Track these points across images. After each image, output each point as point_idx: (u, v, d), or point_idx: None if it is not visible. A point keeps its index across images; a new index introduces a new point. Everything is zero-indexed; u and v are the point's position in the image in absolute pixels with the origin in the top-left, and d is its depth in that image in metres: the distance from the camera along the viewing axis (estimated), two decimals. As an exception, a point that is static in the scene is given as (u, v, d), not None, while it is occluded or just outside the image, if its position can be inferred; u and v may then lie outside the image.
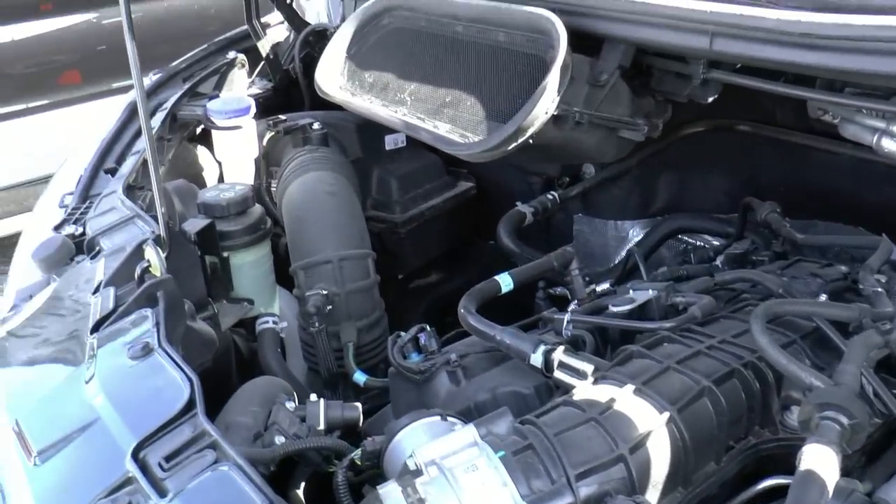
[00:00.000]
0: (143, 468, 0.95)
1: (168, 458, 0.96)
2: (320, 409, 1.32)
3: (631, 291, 1.41)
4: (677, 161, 1.94)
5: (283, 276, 1.87)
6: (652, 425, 1.05)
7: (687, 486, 1.09)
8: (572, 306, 1.47)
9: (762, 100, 1.74)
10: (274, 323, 1.74)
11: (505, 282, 1.50)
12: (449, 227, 2.30)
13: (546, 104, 1.29)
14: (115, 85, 4.04)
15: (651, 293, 1.38)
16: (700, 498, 1.11)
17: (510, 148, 1.31)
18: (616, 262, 2.00)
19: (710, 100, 1.47)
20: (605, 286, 1.53)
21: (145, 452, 0.98)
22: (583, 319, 1.36)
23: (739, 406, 1.14)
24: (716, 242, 1.88)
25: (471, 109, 1.42)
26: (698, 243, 1.93)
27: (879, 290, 1.23)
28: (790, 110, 1.71)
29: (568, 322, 1.36)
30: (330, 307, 1.71)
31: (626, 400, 1.08)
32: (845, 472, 0.96)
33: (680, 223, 1.91)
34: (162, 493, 0.92)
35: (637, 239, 2.02)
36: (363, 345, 1.77)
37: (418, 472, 1.01)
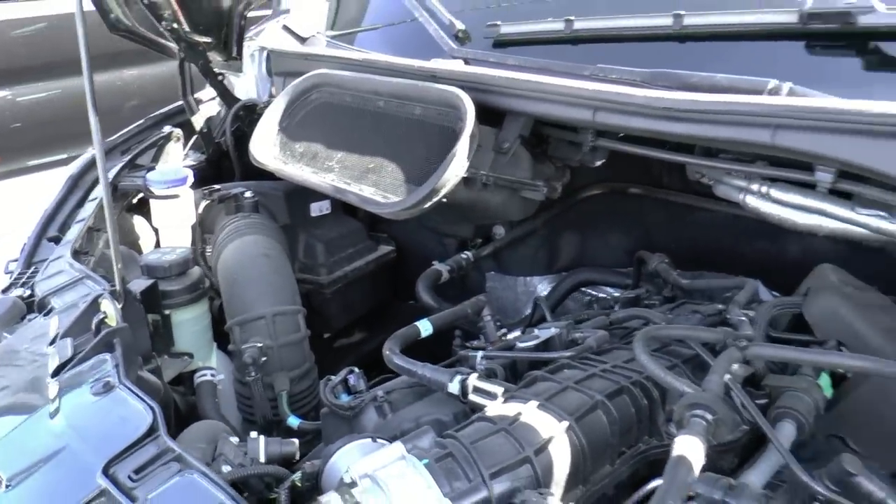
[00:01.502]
0: (114, 481, 1.08)
1: (136, 471, 1.08)
2: (260, 445, 1.46)
3: (536, 331, 1.60)
4: (578, 221, 2.15)
5: (217, 336, 1.99)
6: (553, 432, 1.23)
7: (586, 485, 1.27)
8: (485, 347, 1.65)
9: (650, 166, 1.97)
10: (212, 376, 1.85)
11: (425, 327, 1.68)
12: (371, 288, 2.46)
13: (457, 168, 1.48)
14: (31, 163, 4.03)
15: (553, 330, 1.58)
16: (597, 496, 1.29)
17: (427, 206, 1.49)
18: (525, 314, 2.19)
19: (598, 164, 1.69)
20: (515, 333, 1.72)
21: (114, 469, 1.10)
22: (494, 354, 1.54)
23: (629, 417, 1.34)
24: (616, 294, 2.08)
25: (392, 174, 1.60)
26: (600, 295, 2.12)
27: (742, 318, 1.46)
28: (675, 174, 1.92)
29: (481, 358, 1.54)
30: (264, 359, 1.83)
31: (531, 413, 1.26)
32: (720, 472, 1.15)
33: (583, 276, 2.12)
34: (133, 500, 1.04)
35: (545, 293, 2.22)
36: (295, 394, 1.88)
37: (354, 484, 1.16)
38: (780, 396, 1.34)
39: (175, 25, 2.09)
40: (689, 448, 1.12)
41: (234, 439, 1.46)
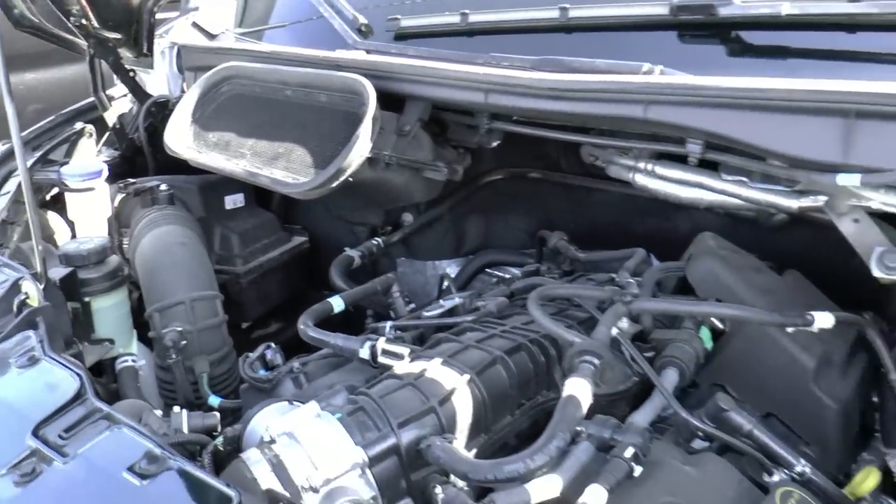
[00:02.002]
0: (44, 441, 1.13)
1: (66, 430, 1.14)
2: (183, 417, 1.52)
3: (441, 301, 1.72)
4: (482, 206, 2.28)
5: (137, 328, 2.03)
6: (455, 385, 1.34)
7: (488, 433, 1.39)
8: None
9: (548, 151, 2.11)
10: (133, 361, 1.90)
11: (337, 303, 1.78)
12: (286, 278, 2.53)
13: (361, 149, 1.59)
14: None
15: (457, 300, 1.70)
16: (499, 444, 1.41)
17: (334, 185, 1.59)
18: (435, 296, 2.30)
19: (494, 144, 1.82)
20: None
21: (44, 430, 1.15)
22: (402, 324, 1.65)
23: (527, 372, 1.46)
24: (520, 273, 2.22)
25: (300, 158, 1.70)
26: (505, 275, 2.26)
27: (630, 280, 1.60)
28: (571, 158, 2.06)
29: (390, 328, 1.65)
30: (184, 342, 1.88)
31: (435, 368, 1.38)
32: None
33: (488, 258, 2.25)
34: (64, 455, 1.10)
35: (453, 276, 2.33)
36: (216, 376, 1.94)
37: (272, 441, 1.25)
38: (665, 348, 1.49)
39: (84, 21, 2.12)
40: (578, 388, 1.25)
41: (158, 412, 1.53)
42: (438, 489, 1.23)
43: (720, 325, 1.59)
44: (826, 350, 1.52)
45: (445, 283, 2.13)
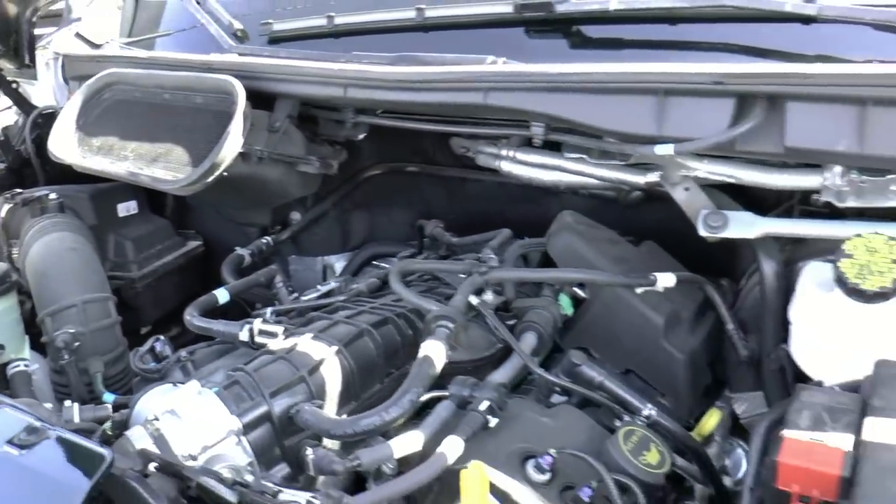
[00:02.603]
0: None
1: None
2: (75, 410, 1.59)
3: (318, 286, 1.82)
4: (365, 201, 2.39)
5: (30, 338, 2.03)
6: (324, 356, 1.45)
7: (358, 400, 1.50)
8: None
9: (424, 144, 2.23)
10: (25, 366, 1.94)
11: (222, 294, 1.86)
12: (181, 282, 2.58)
13: (232, 145, 1.68)
14: None
15: (333, 284, 1.81)
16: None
17: (209, 180, 1.68)
18: (323, 290, 2.40)
19: (361, 137, 1.94)
20: (308, 298, 1.92)
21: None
22: (281, 308, 1.74)
23: (394, 343, 1.57)
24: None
25: (179, 157, 1.78)
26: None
27: (491, 255, 1.73)
28: (445, 151, 2.17)
29: (271, 313, 1.74)
30: (77, 344, 1.91)
31: (306, 342, 1.48)
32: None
33: (372, 251, 2.36)
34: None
35: (340, 269, 2.43)
36: (110, 376, 1.98)
37: (156, 419, 1.33)
38: (525, 314, 1.62)
39: (-41, 35, 2.15)
40: (432, 349, 1.37)
41: (49, 404, 1.59)
42: (309, 451, 1.32)
43: (582, 294, 1.73)
44: (674, 309, 1.68)
45: (324, 270, 2.23)
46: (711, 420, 1.62)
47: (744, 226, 1.47)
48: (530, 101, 1.44)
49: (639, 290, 1.62)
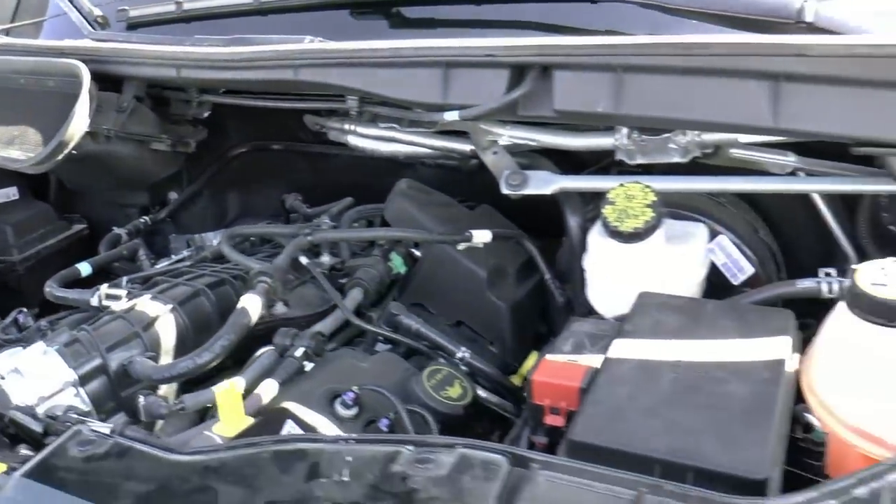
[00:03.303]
0: None
1: None
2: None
3: (172, 256, 1.95)
4: (237, 179, 2.51)
5: None
6: (159, 313, 1.57)
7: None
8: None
9: (288, 122, 2.36)
10: None
11: (84, 268, 1.98)
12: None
13: (78, 124, 1.79)
14: None
15: (185, 252, 1.93)
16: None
17: (59, 158, 1.79)
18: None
19: (206, 115, 2.06)
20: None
21: None
22: (134, 276, 1.85)
23: (230, 302, 1.69)
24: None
25: (32, 138, 1.88)
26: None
27: (326, 219, 1.88)
28: (307, 128, 2.33)
29: (126, 281, 1.86)
30: None
31: (143, 302, 1.60)
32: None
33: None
34: None
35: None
36: None
37: (2, 378, 1.44)
38: (354, 272, 1.76)
39: None
40: (249, 302, 1.50)
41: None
42: (141, 398, 1.45)
43: (418, 253, 1.88)
44: (498, 263, 1.84)
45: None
46: (529, 362, 1.79)
47: (541, 183, 1.63)
48: (335, 75, 1.58)
49: (461, 247, 1.78)
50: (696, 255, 1.52)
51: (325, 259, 1.83)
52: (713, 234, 1.66)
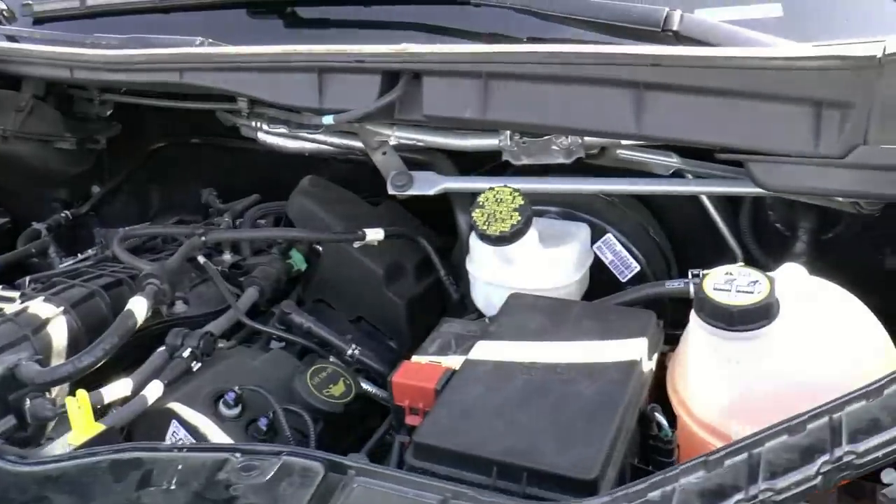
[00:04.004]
0: None
1: None
2: None
3: (79, 255, 1.97)
4: (158, 173, 2.52)
5: None
6: (49, 316, 1.60)
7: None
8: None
9: (205, 118, 2.37)
10: None
11: (-18, 269, 2.00)
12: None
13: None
14: None
15: (90, 252, 1.96)
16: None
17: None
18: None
19: (109, 113, 2.08)
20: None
21: None
22: (38, 276, 1.87)
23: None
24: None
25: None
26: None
27: (226, 218, 1.91)
28: (222, 124, 2.35)
29: (28, 281, 1.88)
30: None
31: (35, 304, 1.62)
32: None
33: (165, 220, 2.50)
34: None
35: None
36: None
37: None
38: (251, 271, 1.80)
39: None
40: (136, 304, 1.53)
41: None
42: (28, 402, 1.48)
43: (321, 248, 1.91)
44: (396, 260, 1.88)
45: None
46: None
47: (426, 184, 1.67)
48: (218, 79, 1.60)
49: (356, 245, 1.81)
50: (571, 256, 1.56)
51: (226, 257, 1.86)
52: (601, 233, 1.71)
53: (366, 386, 1.64)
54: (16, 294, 1.69)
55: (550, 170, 1.72)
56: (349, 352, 1.67)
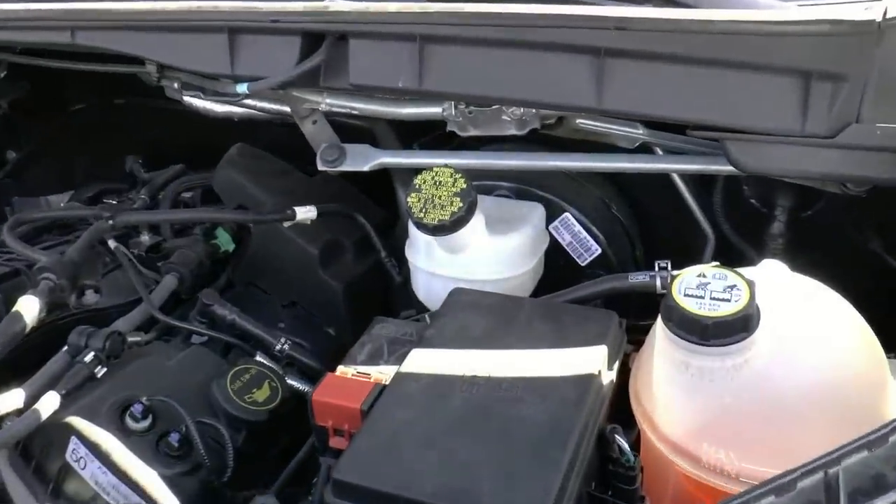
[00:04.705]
0: None
1: None
2: None
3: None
4: (80, 137, 2.30)
5: None
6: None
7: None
8: None
9: (133, 79, 2.15)
10: None
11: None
12: None
13: None
14: None
15: None
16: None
17: None
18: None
19: (3, 74, 1.85)
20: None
21: None
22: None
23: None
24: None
25: None
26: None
27: (142, 195, 1.71)
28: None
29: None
30: None
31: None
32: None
33: (97, 188, 2.27)
34: None
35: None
36: None
37: None
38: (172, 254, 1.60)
39: None
40: (26, 304, 1.33)
41: None
42: None
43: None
44: (333, 239, 1.69)
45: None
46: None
47: (359, 159, 1.49)
48: (118, 40, 1.39)
49: (286, 224, 1.62)
50: (523, 243, 1.39)
51: (145, 238, 1.67)
52: (558, 212, 1.53)
53: (296, 384, 1.46)
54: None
55: (501, 142, 1.54)
56: (278, 346, 1.49)
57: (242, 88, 1.32)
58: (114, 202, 1.96)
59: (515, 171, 1.53)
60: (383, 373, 1.15)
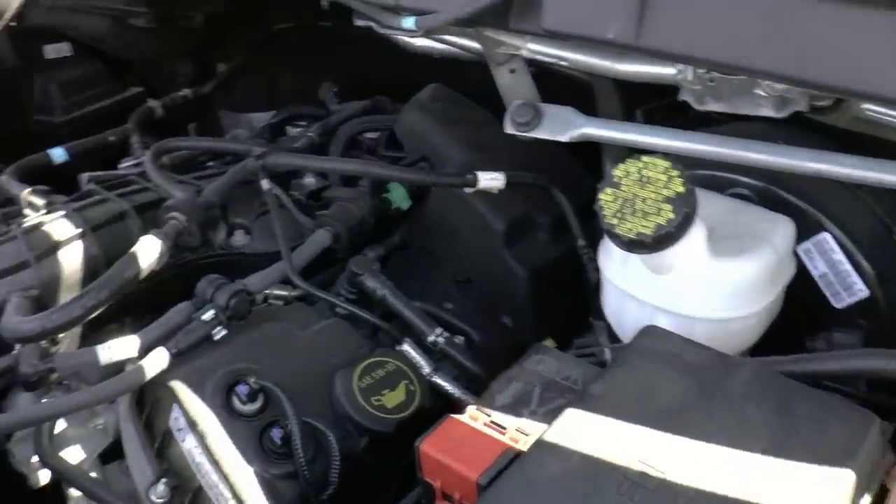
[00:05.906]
0: None
1: None
2: None
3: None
4: (284, 57, 2.15)
5: None
6: (62, 238, 1.26)
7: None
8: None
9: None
10: None
11: (58, 154, 1.70)
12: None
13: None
14: None
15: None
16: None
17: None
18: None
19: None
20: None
21: None
22: (96, 175, 1.54)
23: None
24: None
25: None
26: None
27: (310, 133, 1.49)
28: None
29: (88, 179, 1.54)
30: None
31: (52, 221, 1.29)
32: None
33: (290, 111, 2.13)
34: None
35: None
36: None
37: None
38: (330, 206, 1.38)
39: None
40: (145, 246, 1.16)
41: None
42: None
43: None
44: (525, 214, 1.41)
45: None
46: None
47: (558, 125, 1.16)
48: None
49: (468, 190, 1.35)
50: (759, 273, 1.01)
51: (309, 181, 1.45)
52: (815, 229, 1.13)
53: (446, 385, 1.18)
54: (41, 201, 1.37)
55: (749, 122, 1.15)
56: (431, 338, 1.22)
57: (409, 23, 1.04)
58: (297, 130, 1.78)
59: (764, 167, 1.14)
60: (523, 431, 0.85)
